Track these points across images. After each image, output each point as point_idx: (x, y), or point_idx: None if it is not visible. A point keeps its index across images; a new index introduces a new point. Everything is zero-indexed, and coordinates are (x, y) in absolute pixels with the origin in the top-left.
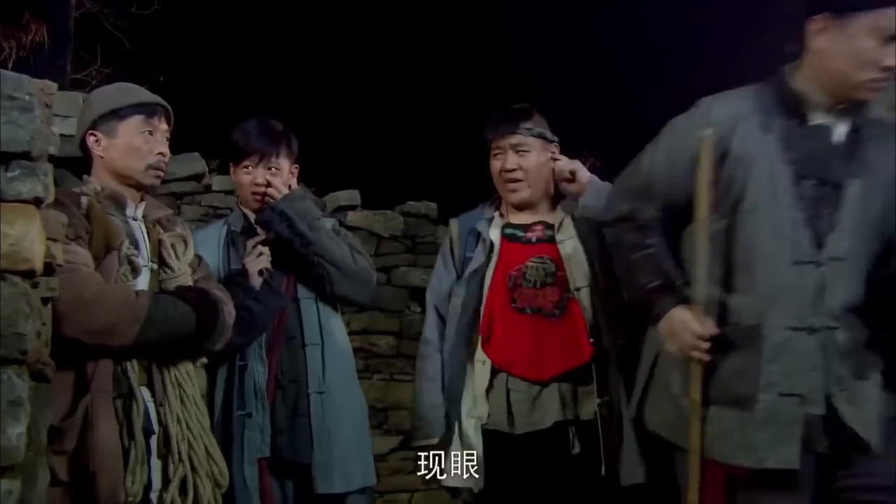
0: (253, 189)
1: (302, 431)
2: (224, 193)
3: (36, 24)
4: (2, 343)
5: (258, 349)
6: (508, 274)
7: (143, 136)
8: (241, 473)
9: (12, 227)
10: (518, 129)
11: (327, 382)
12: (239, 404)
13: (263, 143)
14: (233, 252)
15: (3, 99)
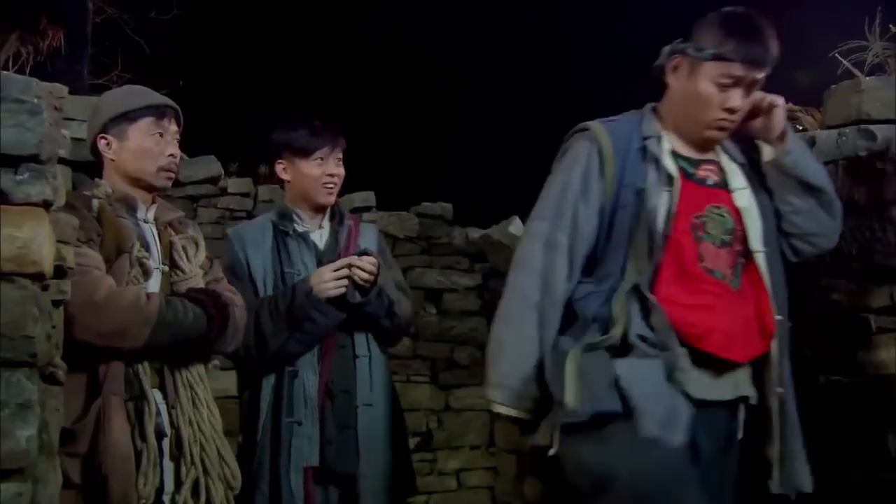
0: (325, 180)
1: (349, 443)
2: (240, 196)
3: (53, 30)
4: (11, 346)
5: (310, 357)
6: (692, 222)
7: (153, 138)
8: (287, 480)
9: (21, 229)
10: None
11: (374, 394)
12: (288, 411)
13: (332, 135)
14: (284, 253)
15: (11, 102)
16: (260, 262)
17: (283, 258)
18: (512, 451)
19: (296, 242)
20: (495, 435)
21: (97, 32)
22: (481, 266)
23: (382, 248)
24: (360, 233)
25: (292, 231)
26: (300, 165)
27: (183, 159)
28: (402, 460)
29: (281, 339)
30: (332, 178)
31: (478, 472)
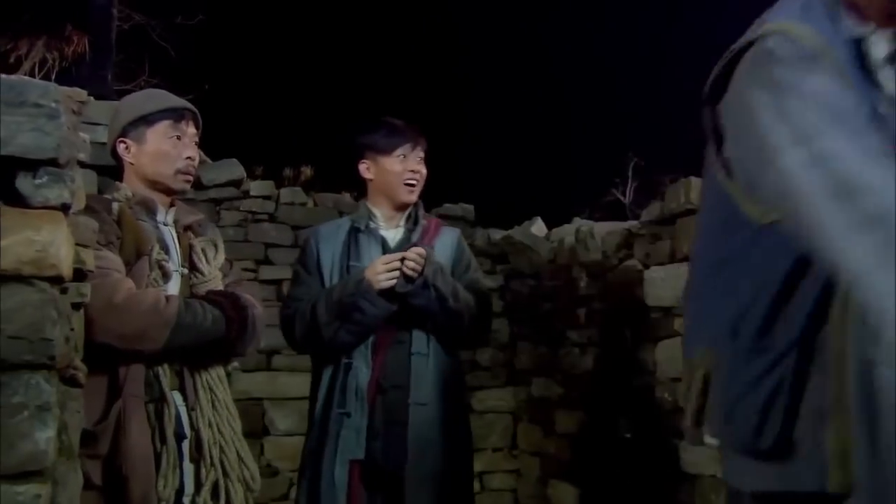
0: (407, 176)
1: (398, 440)
2: (262, 199)
3: (78, 36)
4: (30, 348)
5: (364, 349)
6: None
7: (171, 140)
8: (330, 472)
9: (39, 233)
10: None
11: (430, 394)
12: (339, 402)
13: (413, 132)
14: (353, 247)
15: (30, 106)
16: (329, 255)
17: (352, 252)
18: (535, 453)
19: (367, 238)
20: (518, 437)
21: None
22: (503, 267)
23: (460, 252)
24: (437, 234)
25: (364, 227)
26: (382, 163)
27: (206, 162)
28: (458, 469)
29: (333, 328)
30: (414, 175)
31: (500, 475)
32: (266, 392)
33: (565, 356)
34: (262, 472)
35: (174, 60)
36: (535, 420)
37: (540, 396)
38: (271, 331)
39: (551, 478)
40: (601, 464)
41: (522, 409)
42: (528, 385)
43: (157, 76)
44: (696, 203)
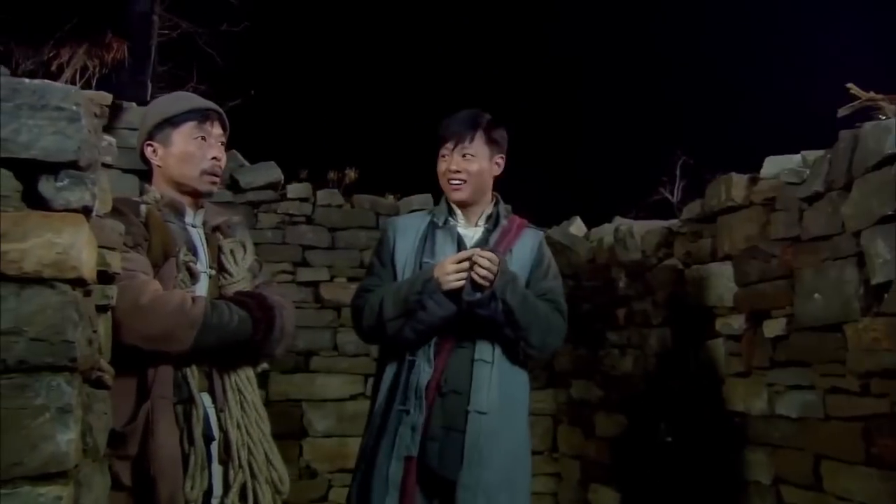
0: (448, 176)
1: (453, 446)
2: (299, 201)
3: (118, 43)
4: (51, 351)
5: (427, 348)
6: None
7: (196, 142)
8: (385, 467)
9: (60, 235)
10: None
11: (491, 404)
12: (401, 399)
13: (456, 127)
14: (429, 243)
15: (52, 109)
16: (404, 248)
17: (427, 248)
18: (575, 456)
19: (443, 235)
20: (558, 440)
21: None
22: None
23: (540, 257)
24: (518, 237)
25: (442, 223)
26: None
27: (244, 165)
28: (513, 482)
29: (398, 324)
30: (457, 174)
31: (541, 479)
32: (304, 394)
33: (605, 358)
34: (301, 474)
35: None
36: (576, 423)
37: (580, 399)
38: (309, 332)
39: (592, 482)
40: (642, 469)
41: (562, 411)
42: (568, 387)
43: (205, 82)
44: (738, 200)
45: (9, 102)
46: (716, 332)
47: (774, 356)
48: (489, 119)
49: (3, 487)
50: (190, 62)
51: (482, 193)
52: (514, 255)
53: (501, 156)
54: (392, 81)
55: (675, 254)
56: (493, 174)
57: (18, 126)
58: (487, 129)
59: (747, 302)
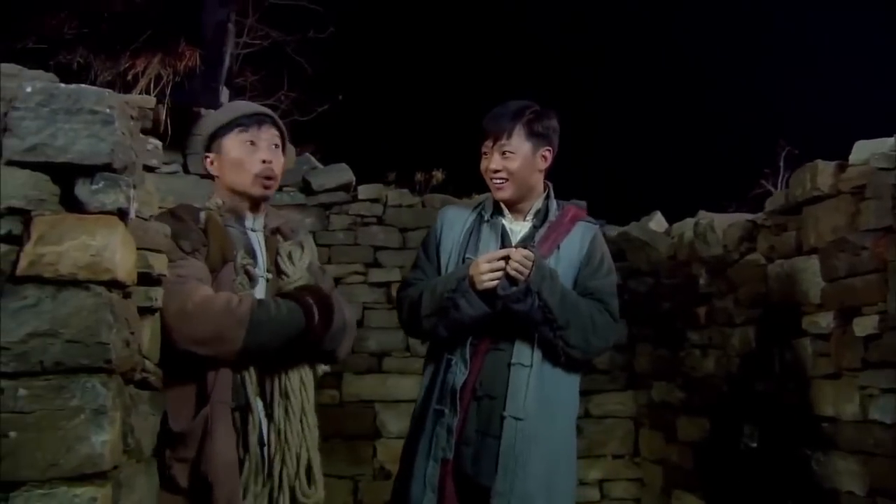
0: (489, 175)
1: (489, 452)
2: (370, 202)
3: (190, 51)
4: (86, 352)
5: (463, 349)
6: None
7: (245, 147)
8: (423, 469)
9: (94, 238)
10: None
11: (528, 409)
12: (438, 398)
13: (493, 123)
14: (474, 238)
15: (86, 113)
16: (450, 242)
17: (472, 243)
18: (657, 461)
19: (488, 230)
20: (640, 444)
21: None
22: (620, 265)
23: (591, 253)
24: (569, 231)
25: (489, 218)
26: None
27: (316, 168)
28: (553, 492)
29: (432, 322)
30: (497, 173)
31: (622, 483)
32: (377, 395)
33: (686, 358)
34: (375, 475)
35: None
36: (657, 426)
37: (661, 401)
38: (381, 333)
39: (676, 488)
40: (727, 475)
41: (643, 414)
42: (649, 389)
43: (296, 89)
44: (824, 189)
45: (45, 107)
46: (802, 330)
47: (867, 356)
48: (531, 111)
49: (41, 488)
50: (281, 70)
51: (528, 189)
52: (562, 252)
53: (548, 149)
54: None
55: (759, 248)
56: (539, 168)
57: (55, 130)
58: (528, 122)
59: (836, 298)
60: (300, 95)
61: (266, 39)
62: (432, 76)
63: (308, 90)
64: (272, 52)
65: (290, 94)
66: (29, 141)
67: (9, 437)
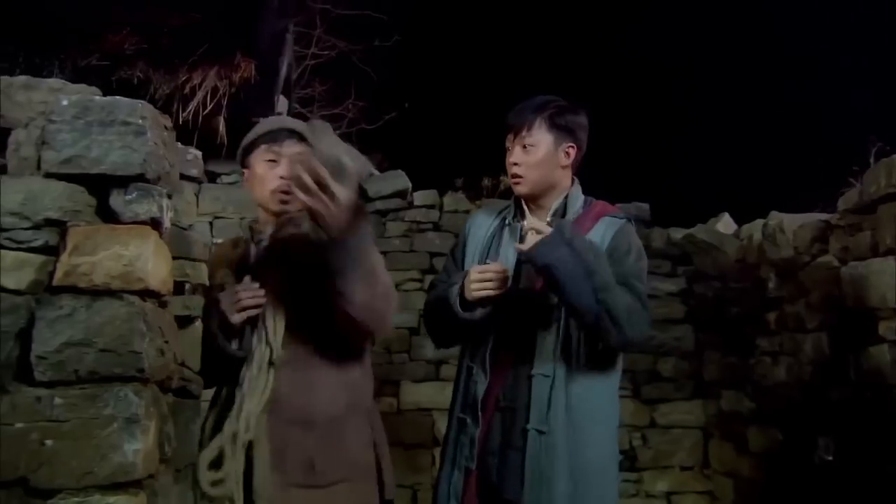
0: (511, 170)
1: (513, 465)
2: (426, 208)
3: (246, 62)
4: (119, 361)
5: (482, 358)
6: None
7: (266, 164)
8: (448, 477)
9: (127, 247)
10: None
11: (552, 421)
12: (461, 407)
13: (514, 116)
14: (496, 241)
15: (120, 125)
16: (474, 246)
17: (493, 246)
18: (728, 473)
19: (509, 232)
20: (710, 455)
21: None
22: (685, 269)
23: (615, 244)
24: (589, 230)
25: (510, 220)
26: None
27: (372, 175)
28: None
29: (443, 329)
30: (515, 167)
31: (690, 496)
32: (435, 403)
33: (756, 366)
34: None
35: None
36: (727, 437)
37: (730, 410)
38: None
39: (747, 502)
40: (801, 489)
41: (713, 424)
42: (718, 398)
43: (364, 98)
44: None
45: (80, 120)
46: (879, 336)
47: None
48: (554, 104)
49: (76, 496)
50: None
51: (549, 185)
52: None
53: (571, 144)
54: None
55: (831, 250)
56: (562, 164)
57: (89, 142)
58: (551, 115)
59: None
60: (367, 104)
61: (333, 50)
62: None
63: (375, 99)
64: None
65: (358, 104)
66: (65, 153)
67: (45, 445)
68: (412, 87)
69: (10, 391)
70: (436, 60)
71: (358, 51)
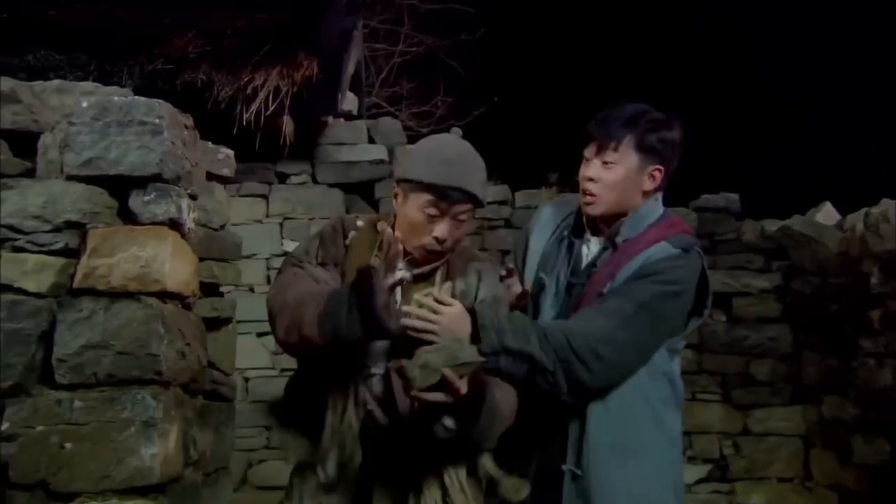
0: (583, 184)
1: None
2: (497, 204)
3: (308, 61)
4: (136, 364)
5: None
6: None
7: (425, 215)
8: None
9: (144, 249)
10: None
11: (586, 462)
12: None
13: (601, 128)
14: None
15: (137, 125)
16: (535, 251)
17: (550, 261)
18: (832, 486)
19: (564, 248)
20: (811, 466)
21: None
22: (780, 264)
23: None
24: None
25: (566, 234)
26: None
27: None
28: None
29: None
30: (590, 183)
31: None
32: None
33: (859, 369)
34: None
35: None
36: (830, 446)
37: (832, 418)
38: None
39: None
40: None
41: (814, 432)
42: (818, 403)
43: (451, 94)
44: None
45: (99, 121)
46: None
47: None
48: (648, 120)
49: (94, 499)
50: (436, 77)
51: (624, 210)
52: (620, 275)
53: (658, 167)
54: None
55: None
56: (644, 188)
57: (108, 143)
58: (642, 133)
59: None
60: (456, 100)
61: (420, 46)
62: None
63: (463, 94)
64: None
65: (446, 100)
66: (84, 155)
67: (65, 448)
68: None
69: (34, 394)
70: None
71: (445, 46)
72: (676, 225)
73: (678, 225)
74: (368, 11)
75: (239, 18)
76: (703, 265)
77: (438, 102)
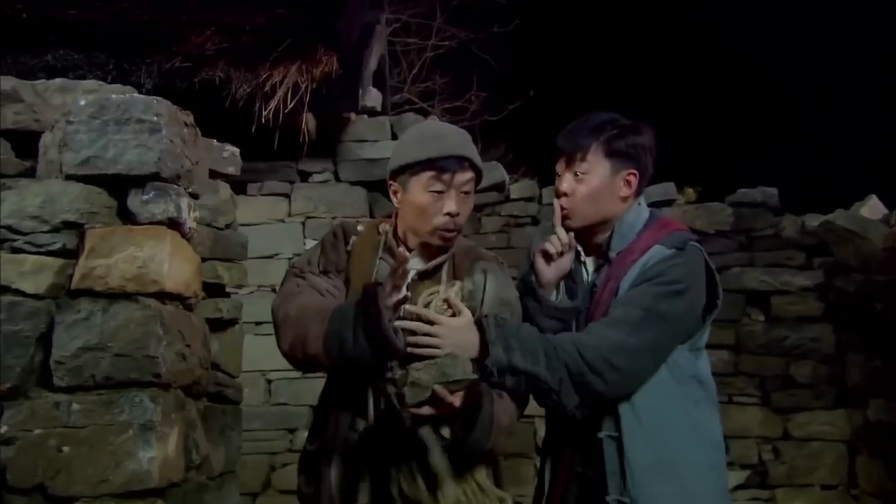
0: (559, 201)
1: None
2: (523, 201)
3: (328, 56)
4: (134, 366)
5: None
6: None
7: (431, 195)
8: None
9: (141, 249)
10: None
11: (633, 493)
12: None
13: (565, 141)
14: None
15: (135, 123)
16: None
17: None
18: (878, 494)
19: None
20: (857, 472)
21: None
22: (822, 261)
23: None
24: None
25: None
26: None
27: None
28: None
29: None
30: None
31: None
32: (537, 410)
33: None
34: None
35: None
36: (877, 453)
37: (879, 422)
38: None
39: None
40: None
41: (859, 437)
42: (864, 407)
43: (485, 88)
44: None
45: (96, 119)
46: None
47: None
48: (614, 127)
49: (92, 503)
50: (469, 71)
51: (602, 220)
52: (622, 288)
53: (632, 171)
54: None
55: None
56: (621, 195)
57: (105, 142)
58: (609, 139)
59: None
60: (490, 94)
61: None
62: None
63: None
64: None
65: (480, 94)
66: (82, 154)
67: (63, 451)
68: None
69: (32, 397)
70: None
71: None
72: (667, 225)
73: (669, 224)
74: (399, 5)
75: (258, 14)
76: (703, 258)
77: (472, 97)
